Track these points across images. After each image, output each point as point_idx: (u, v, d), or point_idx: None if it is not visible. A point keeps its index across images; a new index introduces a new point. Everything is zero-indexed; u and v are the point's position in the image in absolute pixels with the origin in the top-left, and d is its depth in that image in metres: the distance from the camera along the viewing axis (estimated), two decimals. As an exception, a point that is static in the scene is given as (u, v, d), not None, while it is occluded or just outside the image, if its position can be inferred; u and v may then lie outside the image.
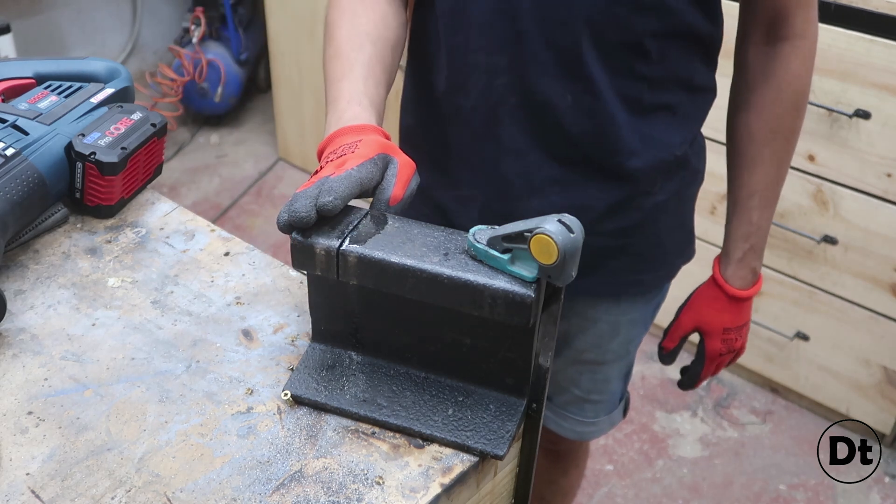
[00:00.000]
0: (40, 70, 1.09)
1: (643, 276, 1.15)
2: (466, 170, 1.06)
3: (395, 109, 1.39)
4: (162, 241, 1.00)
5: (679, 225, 1.16)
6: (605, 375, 1.27)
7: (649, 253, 1.12)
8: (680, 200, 1.12)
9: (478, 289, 0.69)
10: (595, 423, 1.32)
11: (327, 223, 0.75)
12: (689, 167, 1.10)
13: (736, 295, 1.15)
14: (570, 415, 1.31)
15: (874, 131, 1.77)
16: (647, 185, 1.05)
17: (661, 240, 1.12)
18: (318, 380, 0.80)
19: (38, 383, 0.81)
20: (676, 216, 1.14)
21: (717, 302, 1.17)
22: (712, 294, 1.17)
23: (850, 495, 1.98)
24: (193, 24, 3.11)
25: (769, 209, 1.13)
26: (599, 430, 1.34)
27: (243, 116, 3.42)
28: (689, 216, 1.18)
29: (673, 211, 1.11)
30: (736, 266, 1.14)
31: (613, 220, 1.07)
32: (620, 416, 1.36)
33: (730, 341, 1.18)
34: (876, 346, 1.97)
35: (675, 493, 1.99)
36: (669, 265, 1.18)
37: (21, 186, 0.92)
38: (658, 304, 1.24)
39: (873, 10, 1.68)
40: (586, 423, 1.32)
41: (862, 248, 1.89)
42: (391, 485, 0.72)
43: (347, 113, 0.85)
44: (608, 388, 1.29)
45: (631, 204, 1.06)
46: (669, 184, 1.07)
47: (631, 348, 1.25)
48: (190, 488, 0.71)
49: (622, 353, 1.25)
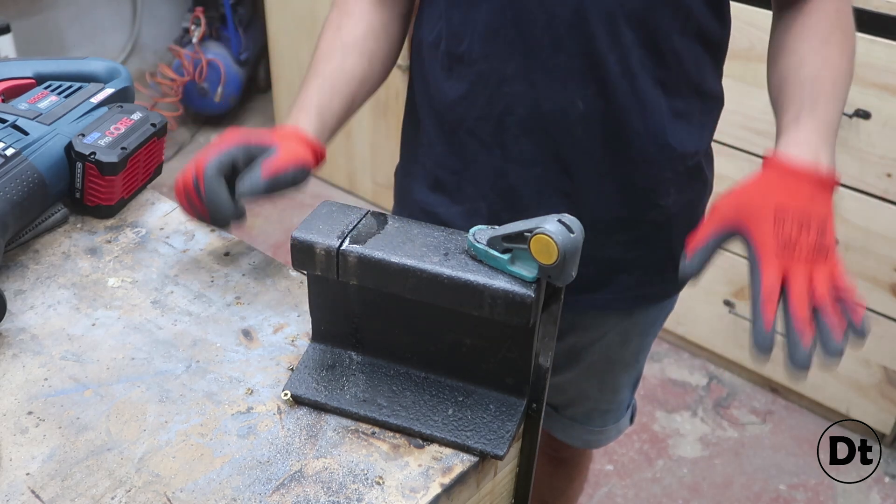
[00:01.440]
0: (40, 70, 1.09)
1: (654, 289, 1.10)
2: (473, 181, 1.03)
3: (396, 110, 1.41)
4: (162, 241, 1.00)
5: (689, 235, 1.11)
6: (614, 385, 1.25)
7: (661, 265, 1.07)
8: (692, 212, 1.07)
9: (478, 289, 0.69)
10: (603, 432, 1.31)
11: (327, 223, 0.75)
12: (702, 177, 1.06)
13: (794, 168, 0.80)
14: (578, 424, 1.30)
15: (874, 131, 1.77)
16: (660, 197, 1.01)
17: (673, 252, 1.06)
18: (318, 380, 0.80)
19: (38, 383, 0.81)
20: (688, 227, 1.06)
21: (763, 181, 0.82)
22: (760, 175, 0.83)
23: (850, 495, 1.98)
24: (193, 24, 3.11)
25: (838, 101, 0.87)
26: (607, 439, 1.33)
27: (243, 116, 3.41)
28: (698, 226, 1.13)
29: (685, 222, 1.06)
30: (795, 141, 0.84)
31: (625, 232, 1.03)
32: (627, 423, 1.35)
33: (790, 229, 0.76)
34: (876, 346, 1.97)
35: (675, 493, 1.99)
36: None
37: (21, 186, 0.92)
38: (668, 311, 1.20)
39: (873, 10, 1.68)
40: (594, 432, 1.30)
41: (862, 248, 1.89)
42: (391, 485, 0.72)
43: (292, 119, 0.97)
44: (617, 398, 1.27)
45: (644, 216, 1.02)
46: (682, 195, 1.03)
47: (640, 357, 1.23)
48: (190, 488, 0.71)
49: (631, 363, 1.23)
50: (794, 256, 0.76)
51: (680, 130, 0.99)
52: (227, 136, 0.91)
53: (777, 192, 0.79)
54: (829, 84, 0.87)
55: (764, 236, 0.77)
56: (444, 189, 1.06)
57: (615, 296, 1.08)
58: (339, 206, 0.78)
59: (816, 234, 0.77)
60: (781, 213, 0.77)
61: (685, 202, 1.04)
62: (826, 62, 0.89)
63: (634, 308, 1.12)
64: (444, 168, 1.05)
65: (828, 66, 0.88)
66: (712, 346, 2.26)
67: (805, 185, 0.80)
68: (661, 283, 1.11)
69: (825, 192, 0.80)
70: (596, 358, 1.19)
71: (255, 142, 0.90)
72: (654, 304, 1.15)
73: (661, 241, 1.06)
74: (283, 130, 0.93)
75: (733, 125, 1.93)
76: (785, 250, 0.76)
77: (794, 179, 0.80)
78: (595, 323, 1.14)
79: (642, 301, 1.11)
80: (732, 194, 0.82)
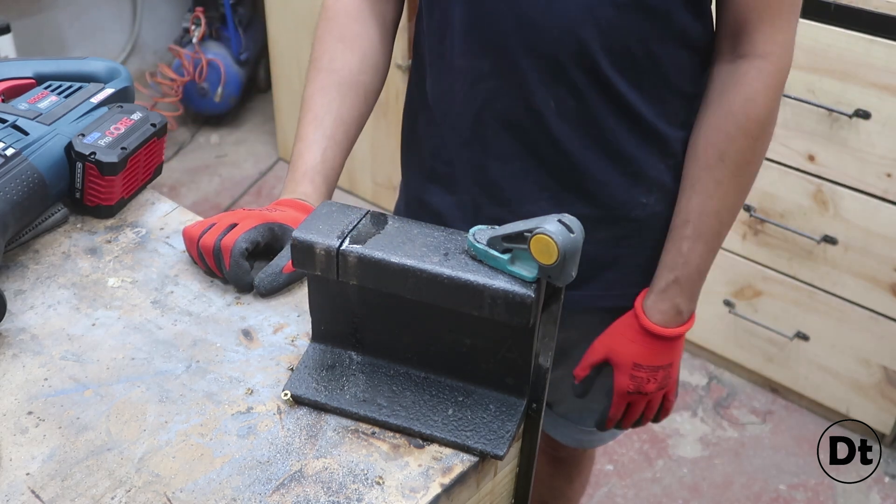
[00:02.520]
0: (40, 70, 1.09)
1: (640, 289, 1.10)
2: (459, 175, 1.05)
3: (396, 110, 1.41)
4: (162, 241, 1.00)
5: None
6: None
7: (646, 265, 1.07)
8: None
9: (478, 289, 0.69)
10: (595, 432, 1.30)
11: (327, 223, 0.75)
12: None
13: (651, 329, 1.04)
14: (571, 423, 1.30)
15: (874, 131, 1.77)
16: (640, 194, 1.02)
17: (657, 251, 1.07)
18: (318, 380, 0.79)
19: (38, 383, 0.81)
20: None
21: (629, 331, 1.06)
22: (628, 322, 1.07)
23: (850, 495, 1.98)
24: (193, 24, 3.11)
25: (702, 243, 1.01)
26: (600, 440, 1.33)
27: (243, 116, 3.42)
28: None
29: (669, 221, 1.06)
30: (657, 297, 1.04)
31: (607, 229, 1.03)
32: None
33: (640, 381, 1.07)
34: (876, 346, 1.97)
35: (675, 493, 1.99)
36: None
37: (21, 186, 0.92)
38: None
39: (873, 10, 1.68)
40: (587, 432, 1.30)
41: (862, 248, 1.89)
42: (391, 485, 0.72)
43: (300, 187, 0.99)
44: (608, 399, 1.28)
45: (625, 213, 1.03)
46: (666, 193, 1.04)
47: None
48: (190, 488, 0.71)
49: None
50: (638, 397, 1.10)
51: (660, 131, 1.00)
52: (251, 215, 0.93)
53: (635, 348, 1.06)
54: (709, 226, 1.01)
55: (622, 381, 1.08)
56: (438, 179, 1.08)
57: (600, 293, 1.08)
58: (339, 206, 0.78)
59: (658, 384, 1.08)
60: (637, 370, 1.07)
61: (668, 200, 1.04)
62: (707, 200, 0.99)
63: (619, 307, 1.12)
64: (438, 159, 1.07)
65: (711, 204, 1.00)
66: (712, 346, 2.26)
67: (664, 348, 1.06)
68: (646, 285, 1.10)
69: (676, 344, 1.07)
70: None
71: (279, 221, 0.93)
72: None
73: (646, 240, 1.06)
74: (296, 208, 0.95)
75: (733, 125, 1.93)
76: (633, 394, 1.09)
77: (652, 343, 1.05)
78: (581, 321, 1.13)
79: (628, 300, 1.11)
80: (606, 338, 1.09)
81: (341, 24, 1.05)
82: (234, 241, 0.89)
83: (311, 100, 1.03)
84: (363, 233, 0.74)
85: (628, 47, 0.93)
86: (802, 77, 1.79)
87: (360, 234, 0.74)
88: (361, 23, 1.05)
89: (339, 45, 1.04)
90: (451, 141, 1.04)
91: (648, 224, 1.05)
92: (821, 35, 1.75)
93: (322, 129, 1.01)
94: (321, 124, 1.01)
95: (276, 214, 0.94)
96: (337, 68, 1.04)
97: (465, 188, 1.05)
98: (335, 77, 1.03)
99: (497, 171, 1.01)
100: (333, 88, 1.03)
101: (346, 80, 1.03)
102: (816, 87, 1.79)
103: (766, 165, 1.92)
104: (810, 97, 1.81)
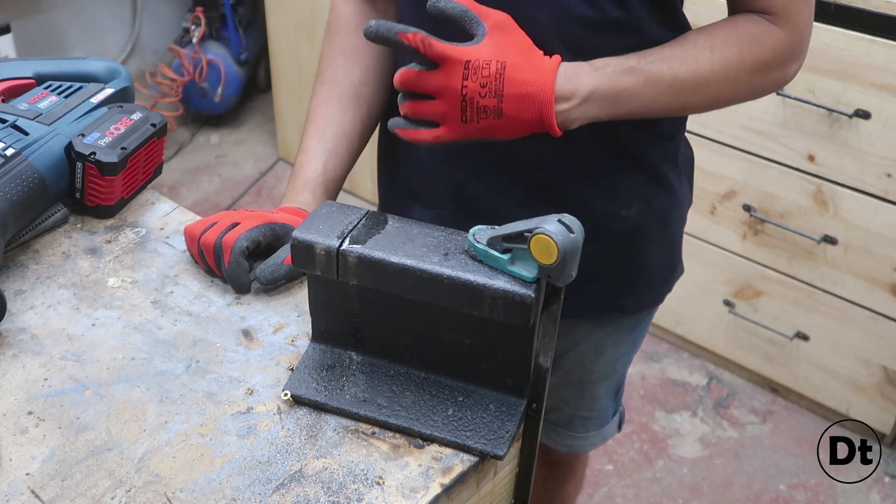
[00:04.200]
0: (40, 70, 1.09)
1: (625, 301, 1.09)
2: (437, 190, 1.04)
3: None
4: (162, 241, 1.00)
5: (664, 250, 1.10)
6: (593, 393, 1.25)
7: (632, 278, 1.07)
8: (662, 223, 1.06)
9: (478, 289, 0.69)
10: (586, 438, 1.31)
11: (327, 223, 0.75)
12: (670, 189, 1.04)
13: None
14: (561, 429, 1.30)
15: (874, 131, 1.77)
16: (621, 208, 1.01)
17: (643, 264, 1.07)
18: (318, 380, 0.80)
19: (38, 383, 0.81)
20: (660, 241, 1.08)
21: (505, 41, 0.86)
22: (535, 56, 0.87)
23: (850, 495, 1.98)
24: (193, 24, 3.11)
25: (645, 79, 0.87)
26: (591, 444, 1.33)
27: (243, 116, 3.42)
28: (675, 241, 1.11)
29: (656, 235, 1.06)
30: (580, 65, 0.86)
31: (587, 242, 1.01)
32: (615, 430, 1.35)
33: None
34: (876, 346, 1.97)
35: (675, 493, 1.99)
36: (654, 291, 1.12)
37: (21, 186, 0.92)
38: (646, 323, 1.19)
39: (873, 10, 1.68)
40: (577, 438, 1.31)
41: (862, 248, 1.89)
42: (391, 485, 0.72)
43: (301, 196, 0.99)
44: (596, 405, 1.27)
45: (606, 227, 1.01)
46: (648, 206, 1.02)
47: (618, 367, 1.23)
48: (190, 488, 0.71)
49: (609, 372, 1.22)
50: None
51: (636, 144, 0.98)
52: (253, 215, 0.93)
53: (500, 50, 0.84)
54: (675, 72, 0.88)
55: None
56: (416, 195, 1.08)
57: (587, 304, 1.06)
58: (339, 206, 0.78)
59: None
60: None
61: (652, 213, 1.03)
62: (700, 58, 0.88)
63: (606, 318, 1.12)
64: (416, 174, 1.07)
65: (695, 61, 0.88)
66: (712, 346, 2.26)
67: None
68: (634, 296, 1.10)
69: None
70: (572, 366, 1.19)
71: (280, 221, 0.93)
72: (628, 315, 1.14)
73: (631, 253, 1.05)
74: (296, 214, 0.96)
75: (733, 125, 1.93)
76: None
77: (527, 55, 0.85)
78: (568, 330, 1.11)
79: (614, 311, 1.10)
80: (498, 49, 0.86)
81: (343, 38, 1.05)
82: (236, 239, 0.89)
83: (314, 112, 1.04)
84: (363, 233, 0.74)
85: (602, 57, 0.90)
86: (802, 77, 1.79)
87: (359, 234, 0.74)
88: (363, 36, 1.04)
89: (340, 58, 1.05)
90: (428, 157, 1.03)
91: (632, 238, 1.04)
92: (821, 35, 1.75)
93: (324, 141, 1.02)
94: (323, 136, 1.02)
95: (277, 216, 0.94)
96: (339, 81, 1.04)
97: (443, 203, 1.05)
98: (337, 90, 1.04)
99: (475, 187, 1.01)
100: (335, 101, 1.03)
101: (347, 92, 1.04)
102: (816, 87, 1.79)
103: (766, 165, 1.93)
104: (810, 97, 1.81)
